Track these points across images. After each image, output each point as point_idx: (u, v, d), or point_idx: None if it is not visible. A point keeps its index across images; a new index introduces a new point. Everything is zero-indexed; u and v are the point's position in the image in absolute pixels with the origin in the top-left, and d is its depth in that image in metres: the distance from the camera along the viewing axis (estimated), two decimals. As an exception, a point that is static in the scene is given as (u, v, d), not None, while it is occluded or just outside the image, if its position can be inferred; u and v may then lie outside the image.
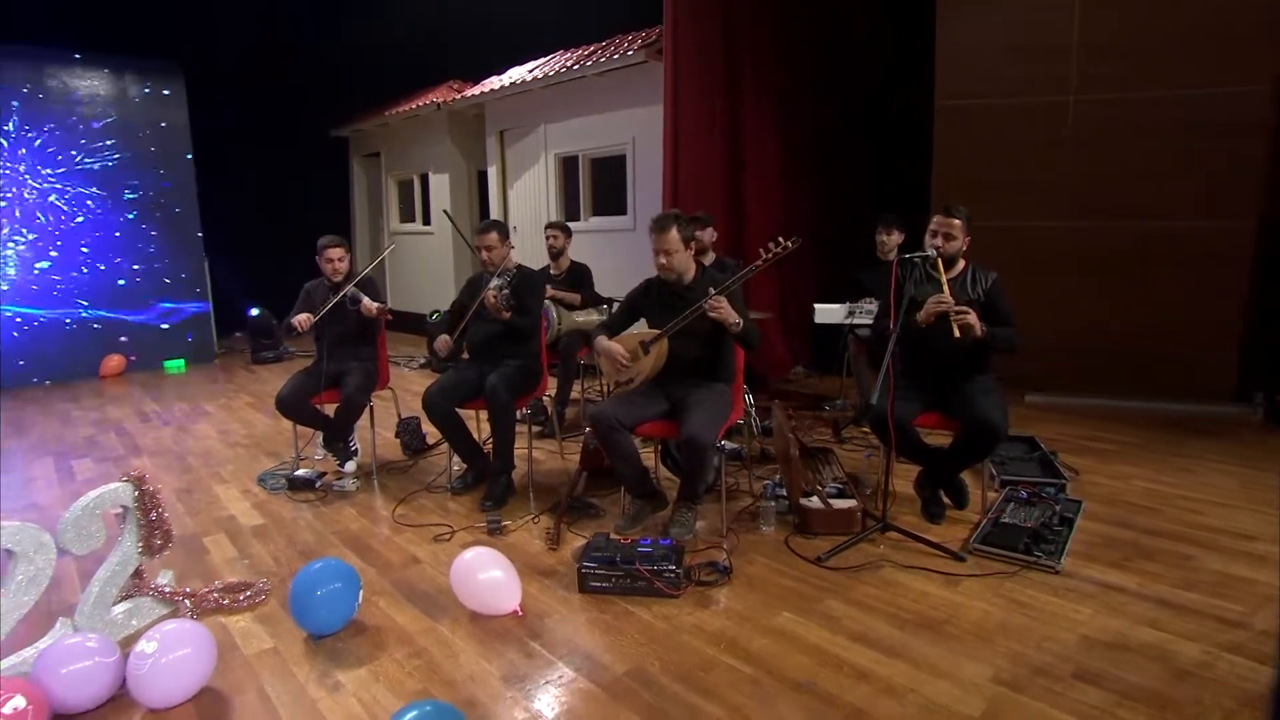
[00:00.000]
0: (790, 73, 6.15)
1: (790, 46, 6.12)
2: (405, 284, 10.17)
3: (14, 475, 4.78)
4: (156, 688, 2.21)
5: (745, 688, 2.26)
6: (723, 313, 3.19)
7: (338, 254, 4.39)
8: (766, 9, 5.90)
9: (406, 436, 4.89)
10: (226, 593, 2.95)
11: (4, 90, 7.25)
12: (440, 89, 9.12)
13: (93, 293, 7.83)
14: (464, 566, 2.71)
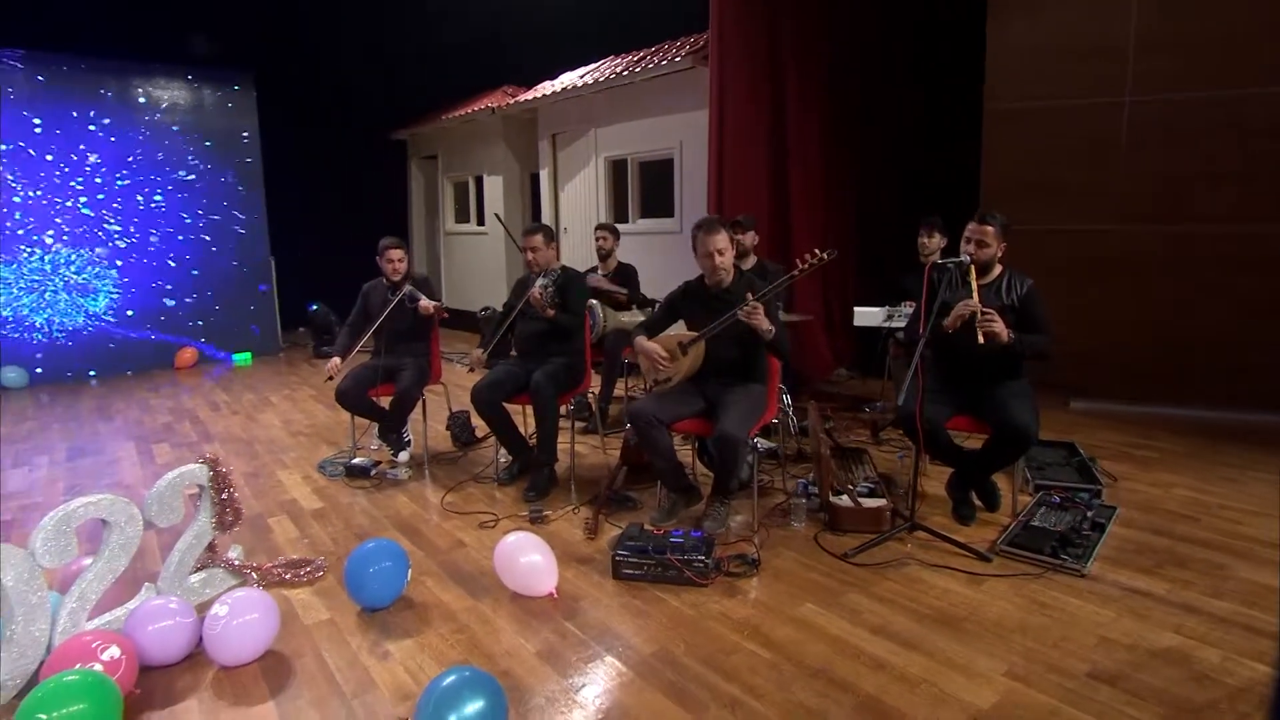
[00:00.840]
0: (834, 77, 6.19)
1: (835, 51, 6.16)
2: (460, 283, 10.48)
3: (102, 456, 5.17)
4: (228, 648, 2.45)
5: (764, 671, 2.38)
6: (757, 320, 3.30)
7: (397, 255, 4.64)
8: (811, 14, 5.96)
9: (457, 429, 5.12)
10: (288, 568, 3.19)
11: (97, 96, 7.75)
12: (495, 93, 9.39)
13: (170, 287, 8.31)
14: (506, 550, 2.90)
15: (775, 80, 5.80)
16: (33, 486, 4.57)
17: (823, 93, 6.10)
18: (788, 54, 5.82)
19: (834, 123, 6.22)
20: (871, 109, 6.54)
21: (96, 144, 7.82)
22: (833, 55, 6.14)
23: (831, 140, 6.22)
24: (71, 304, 7.89)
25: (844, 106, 6.30)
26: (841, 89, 6.25)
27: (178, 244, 8.32)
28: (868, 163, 6.60)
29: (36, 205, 7.58)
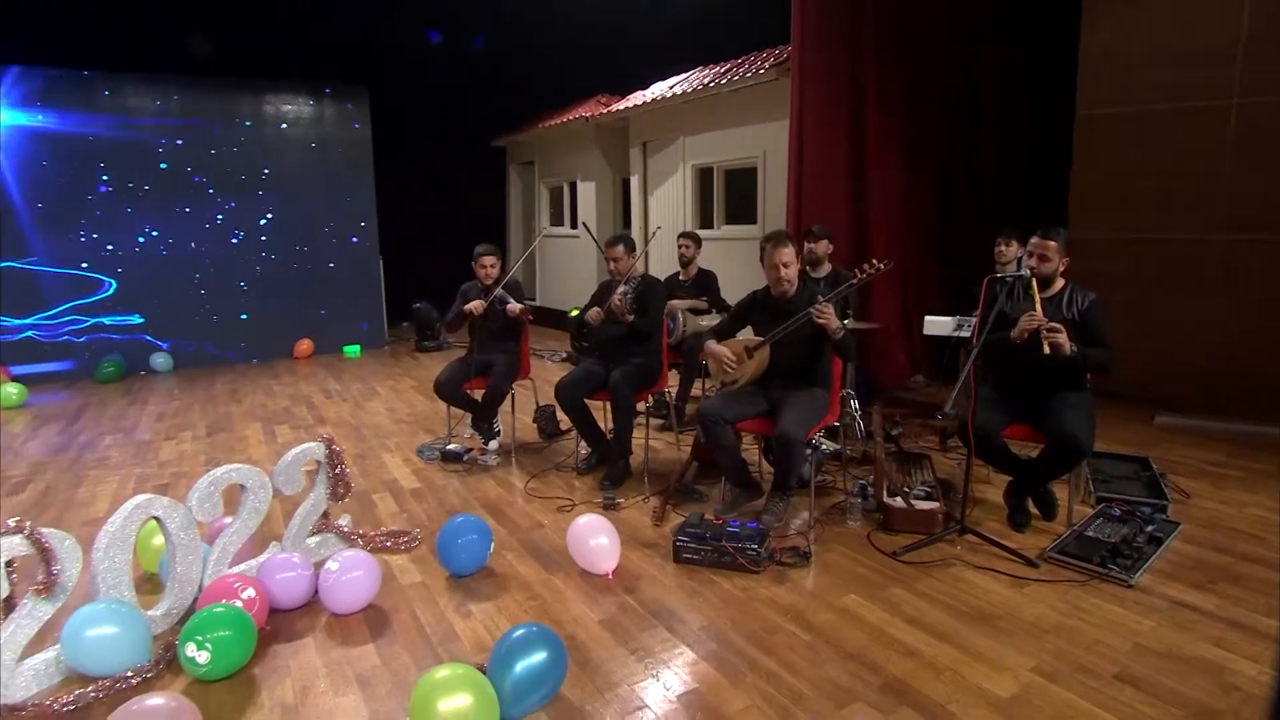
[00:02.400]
0: (916, 85, 6.25)
1: (916, 59, 6.21)
2: (553, 283, 10.97)
3: (233, 434, 5.84)
4: (338, 598, 2.88)
5: (801, 650, 2.62)
6: (827, 319, 3.51)
7: (490, 260, 5.06)
8: (892, 24, 6.04)
9: (543, 422, 5.51)
10: (389, 537, 3.63)
11: (238, 111, 8.62)
12: (589, 103, 9.81)
13: (290, 284, 9.12)
14: (578, 530, 3.24)
15: (855, 90, 5.92)
16: (180, 457, 5.24)
17: (904, 101, 6.18)
18: (868, 64, 5.93)
19: (915, 132, 6.29)
20: (955, 117, 6.56)
21: (235, 152, 8.68)
22: (914, 63, 6.20)
23: (912, 149, 6.29)
24: (209, 298, 8.79)
25: (925, 115, 6.36)
26: (923, 97, 6.30)
27: (297, 244, 9.11)
28: (950, 171, 6.63)
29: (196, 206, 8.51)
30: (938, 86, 6.38)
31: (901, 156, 6.22)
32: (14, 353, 7.95)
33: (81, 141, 7.99)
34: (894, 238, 6.16)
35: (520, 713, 2.27)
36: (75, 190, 8.03)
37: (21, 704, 2.41)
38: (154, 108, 8.30)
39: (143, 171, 8.29)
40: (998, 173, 6.87)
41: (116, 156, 8.15)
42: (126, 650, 2.53)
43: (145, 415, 6.59)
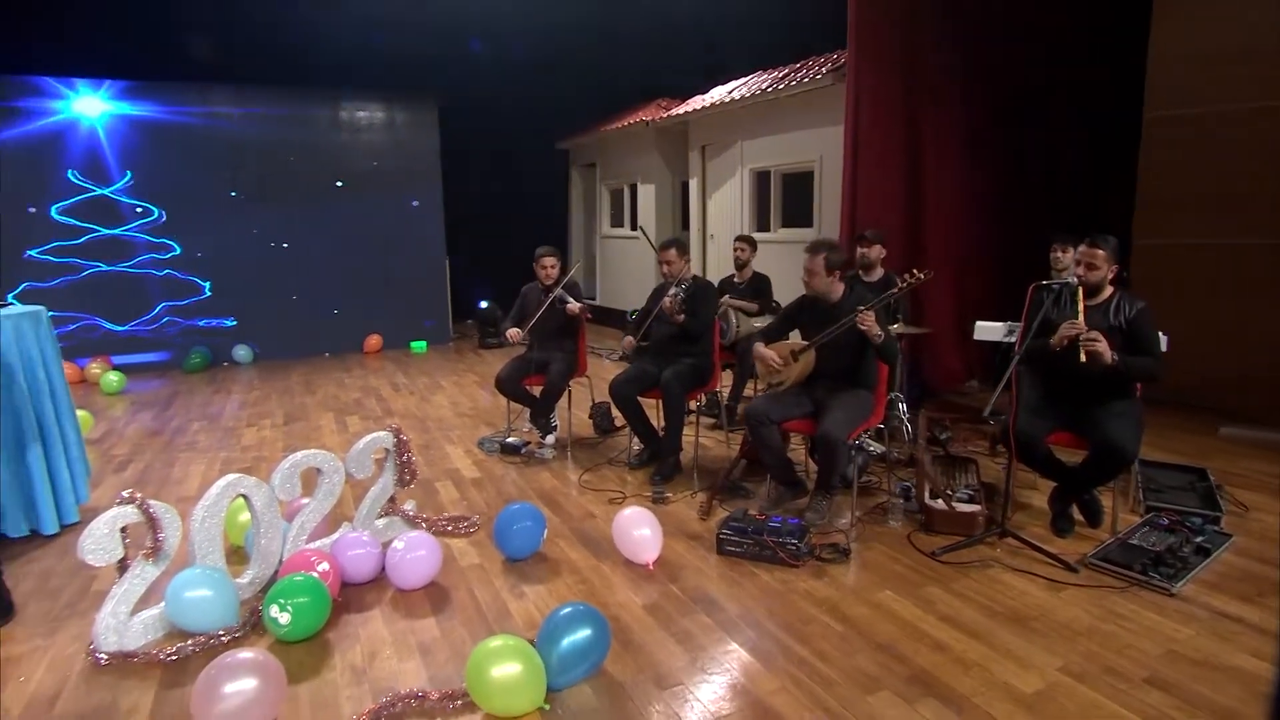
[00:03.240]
0: (974, 88, 6.22)
1: (975, 62, 6.18)
2: (613, 282, 11.19)
3: (308, 422, 6.22)
4: (403, 575, 3.13)
5: (834, 640, 2.75)
6: (869, 325, 3.61)
7: (550, 262, 5.29)
8: (949, 27, 6.02)
9: (598, 418, 5.72)
10: (450, 522, 3.88)
11: (314, 119, 9.11)
12: (650, 107, 9.99)
13: (361, 282, 9.57)
14: (623, 521, 3.42)
15: (910, 95, 5.94)
16: (260, 443, 5.63)
17: (961, 104, 6.17)
18: (925, 68, 5.95)
19: (973, 135, 6.27)
20: (1014, 119, 6.51)
21: (313, 158, 9.16)
22: (972, 66, 6.18)
23: (970, 152, 6.27)
24: (286, 294, 9.30)
25: (984, 118, 6.32)
26: (982, 100, 6.27)
27: (368, 244, 9.55)
28: (1010, 175, 6.58)
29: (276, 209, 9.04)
30: (997, 89, 6.34)
31: (958, 160, 6.22)
32: (112, 344, 8.57)
33: (173, 149, 8.56)
34: (950, 242, 6.17)
35: (565, 684, 2.46)
36: (172, 194, 8.61)
37: (134, 651, 2.72)
38: (237, 116, 8.83)
39: (227, 177, 8.83)
40: (1059, 176, 6.78)
41: (205, 162, 8.70)
42: (218, 611, 2.82)
43: (229, 403, 7.05)
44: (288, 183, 9.09)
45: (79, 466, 4.16)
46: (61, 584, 3.38)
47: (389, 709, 2.38)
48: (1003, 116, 6.41)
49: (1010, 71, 6.37)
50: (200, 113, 8.67)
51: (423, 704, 2.41)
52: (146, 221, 8.62)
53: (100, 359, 8.25)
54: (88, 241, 8.40)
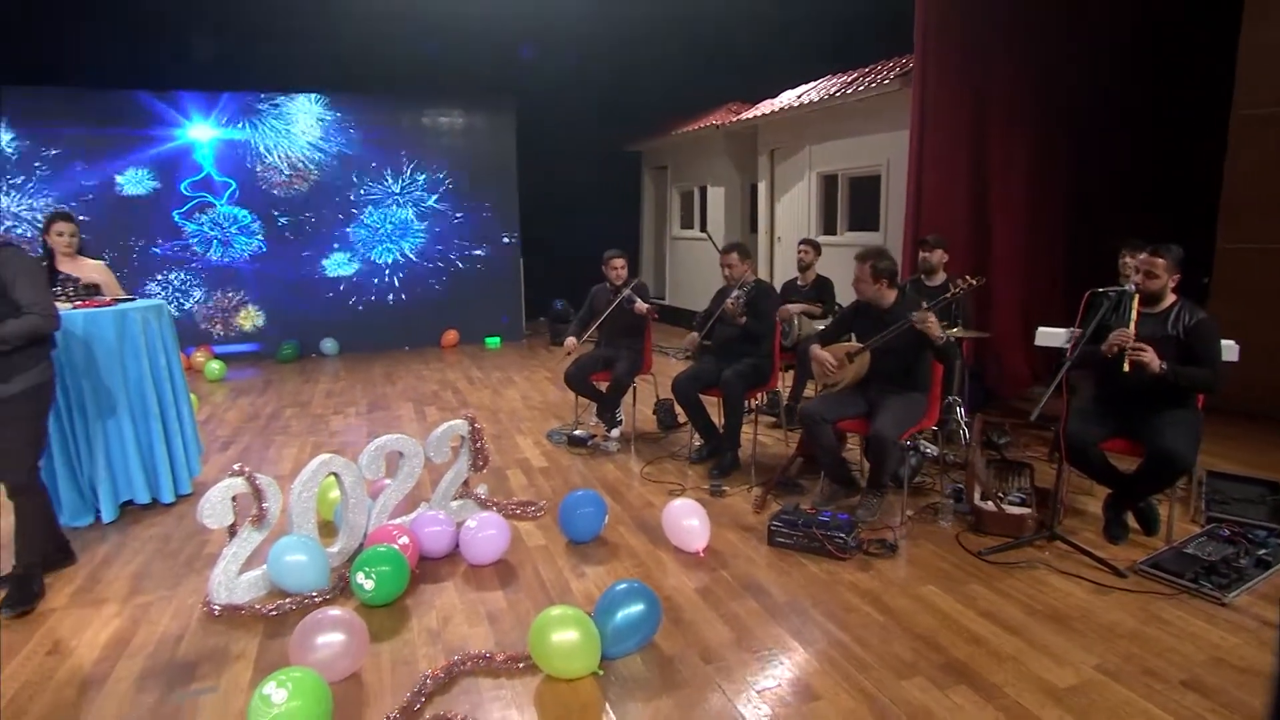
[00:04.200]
0: (1046, 90, 6.14)
1: (1048, 61, 6.10)
2: (683, 283, 11.39)
3: (389, 411, 6.64)
4: (474, 552, 3.42)
5: (873, 628, 2.89)
6: (930, 326, 3.71)
7: (619, 263, 5.53)
8: (1022, 28, 5.97)
9: (661, 414, 5.93)
10: (518, 506, 4.16)
11: (397, 123, 9.62)
12: (721, 111, 10.14)
13: (440, 280, 10.04)
14: (673, 511, 3.63)
15: (979, 98, 5.92)
16: (347, 429, 6.06)
17: (1032, 106, 6.10)
18: (995, 71, 5.91)
19: (1045, 138, 6.20)
20: (1087, 121, 6.41)
21: (396, 161, 9.67)
22: (1045, 67, 6.10)
23: (1041, 156, 6.20)
24: (370, 291, 9.84)
25: (1056, 120, 6.25)
26: (1053, 102, 6.19)
27: (447, 243, 10.02)
28: (1081, 179, 6.48)
29: (363, 210, 9.59)
30: (1069, 90, 6.26)
31: (1029, 164, 6.17)
32: (211, 335, 9.27)
33: (268, 156, 9.18)
34: (1017, 246, 6.13)
35: (618, 653, 2.68)
36: (264, 200, 9.24)
37: (241, 605, 3.09)
38: (323, 122, 9.39)
39: (313, 182, 9.41)
40: (1133, 180, 6.64)
41: (293, 168, 9.29)
42: (312, 575, 3.15)
43: (317, 392, 7.55)
44: (373, 186, 9.61)
45: (192, 444, 4.61)
46: (179, 546, 3.80)
47: (459, 666, 2.65)
48: (1074, 117, 6.33)
49: (1082, 72, 6.29)
50: (287, 121, 9.27)
51: (490, 664, 2.68)
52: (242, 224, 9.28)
53: (203, 348, 8.91)
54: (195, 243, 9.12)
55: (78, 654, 2.84)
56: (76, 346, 3.98)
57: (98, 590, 3.35)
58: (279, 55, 9.11)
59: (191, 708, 2.51)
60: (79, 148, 8.61)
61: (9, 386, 3.10)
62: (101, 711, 2.50)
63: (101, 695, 2.58)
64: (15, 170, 8.45)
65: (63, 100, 8.54)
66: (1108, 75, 6.38)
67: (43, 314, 3.15)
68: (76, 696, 2.58)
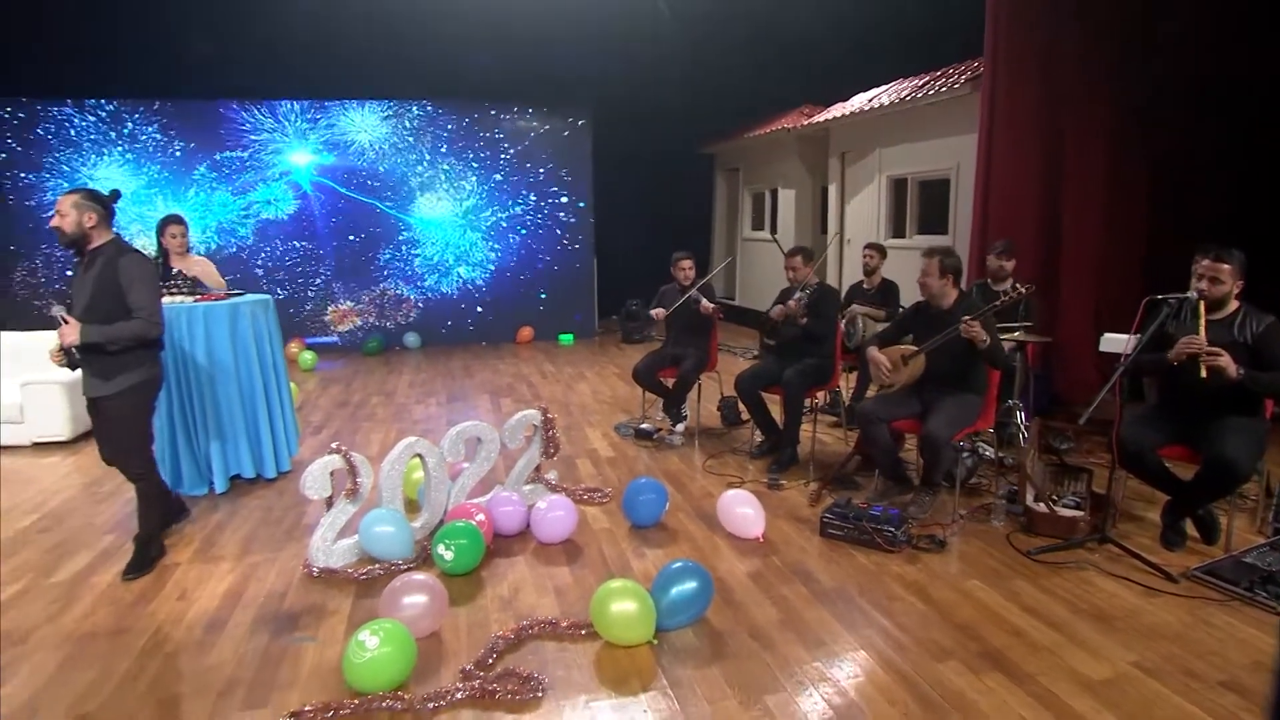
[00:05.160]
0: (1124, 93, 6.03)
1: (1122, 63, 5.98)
2: (753, 283, 11.52)
3: (467, 402, 7.03)
4: (544, 531, 3.71)
5: (914, 616, 3.04)
6: (974, 332, 3.82)
7: (687, 264, 5.76)
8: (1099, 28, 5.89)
9: (726, 410, 6.13)
10: (586, 492, 4.44)
11: (480, 127, 10.07)
12: (793, 114, 10.23)
13: (516, 278, 10.45)
14: (728, 499, 3.85)
15: (1052, 101, 5.88)
16: (428, 417, 6.47)
17: (1107, 108, 6.00)
18: (1069, 73, 5.85)
19: (1118, 141, 6.09)
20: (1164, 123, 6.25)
21: (476, 164, 10.13)
22: (1118, 68, 5.97)
23: (1118, 160, 6.10)
24: (451, 288, 10.33)
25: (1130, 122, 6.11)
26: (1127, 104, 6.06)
27: (525, 243, 10.42)
28: (1158, 182, 6.34)
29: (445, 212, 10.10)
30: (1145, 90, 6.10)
31: (1101, 167, 6.08)
32: (303, 328, 9.91)
33: (355, 162, 9.76)
34: (1088, 252, 6.07)
35: (672, 625, 2.91)
36: (349, 204, 9.83)
37: (336, 569, 3.46)
38: (405, 127, 9.92)
39: (396, 185, 9.95)
40: (1214, 183, 6.44)
41: (377, 173, 9.85)
42: (398, 545, 3.50)
43: (400, 383, 8.03)
44: (454, 190, 10.10)
45: (291, 426, 5.06)
46: (281, 515, 4.22)
47: (527, 630, 2.93)
48: (1150, 119, 6.19)
49: (1159, 71, 6.14)
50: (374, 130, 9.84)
51: (555, 629, 2.95)
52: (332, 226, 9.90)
53: (296, 339, 9.55)
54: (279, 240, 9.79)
55: (201, 601, 3.25)
56: (197, 336, 4.45)
57: (214, 550, 3.79)
58: (367, 63, 9.68)
59: (295, 652, 2.86)
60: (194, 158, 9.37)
61: (109, 385, 3.39)
62: (222, 649, 2.88)
63: (221, 636, 2.97)
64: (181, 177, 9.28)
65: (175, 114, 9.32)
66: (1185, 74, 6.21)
67: (149, 319, 3.39)
68: (202, 634, 2.98)
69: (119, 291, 3.35)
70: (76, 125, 9.16)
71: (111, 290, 3.34)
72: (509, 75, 10.13)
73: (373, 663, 2.50)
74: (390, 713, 2.49)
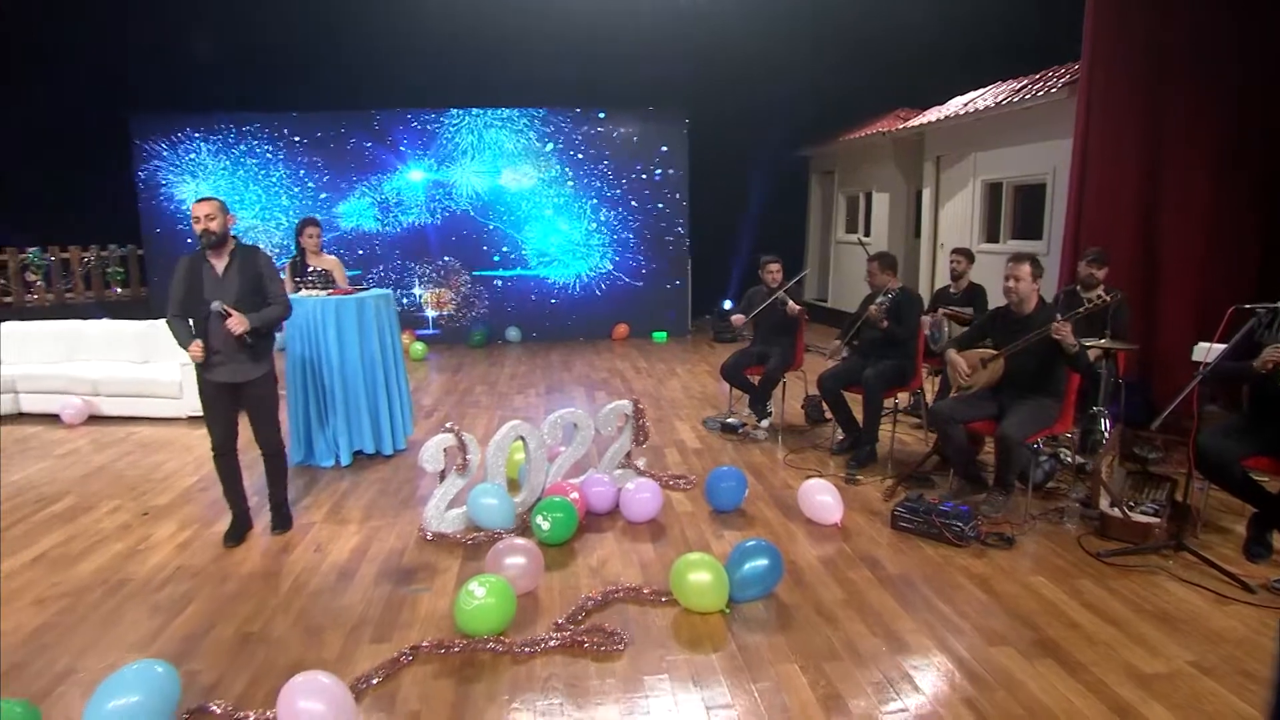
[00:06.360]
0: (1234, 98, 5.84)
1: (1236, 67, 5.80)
2: (845, 285, 11.55)
3: (564, 394, 7.49)
4: (632, 510, 4.07)
5: (974, 604, 3.21)
6: (1063, 334, 3.91)
7: (775, 267, 5.99)
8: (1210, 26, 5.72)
9: (810, 408, 6.32)
10: (672, 478, 4.76)
11: (582, 133, 10.56)
12: (889, 118, 10.23)
13: (613, 277, 10.88)
14: (809, 488, 4.09)
15: (1155, 105, 5.75)
16: (528, 406, 6.95)
17: (1216, 114, 5.83)
18: (1176, 75, 5.71)
19: (1230, 148, 5.90)
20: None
21: (576, 168, 10.62)
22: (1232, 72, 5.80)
23: (1230, 167, 5.92)
24: (553, 286, 10.87)
25: (1247, 129, 5.92)
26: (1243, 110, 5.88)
27: (623, 243, 10.84)
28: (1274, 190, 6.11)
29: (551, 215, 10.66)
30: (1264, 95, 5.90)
31: (1213, 176, 5.91)
32: (412, 321, 10.64)
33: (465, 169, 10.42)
34: (1192, 259, 5.91)
35: (743, 598, 3.20)
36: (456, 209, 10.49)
37: (447, 534, 3.93)
38: (510, 134, 10.48)
39: (499, 189, 10.53)
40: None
41: (486, 177, 10.47)
42: (501, 515, 3.92)
43: (502, 374, 8.57)
44: (553, 192, 10.62)
45: (407, 409, 5.61)
46: (397, 487, 4.75)
47: (613, 594, 3.28)
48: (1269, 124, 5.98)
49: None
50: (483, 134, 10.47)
51: (638, 595, 3.29)
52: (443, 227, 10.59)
53: (407, 331, 10.28)
54: (409, 236, 10.56)
55: (333, 555, 3.77)
56: (329, 326, 5.03)
57: (342, 514, 4.32)
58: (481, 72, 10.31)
59: (412, 600, 3.32)
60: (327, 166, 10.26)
61: (259, 367, 3.89)
62: (352, 593, 3.37)
63: (351, 583, 3.46)
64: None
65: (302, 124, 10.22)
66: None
67: (285, 304, 3.93)
68: (335, 581, 3.49)
69: (261, 283, 3.86)
70: (222, 137, 10.19)
71: (255, 283, 3.84)
72: (610, 81, 10.55)
73: (479, 609, 2.90)
74: (492, 654, 2.88)
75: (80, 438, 6.08)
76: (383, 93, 10.34)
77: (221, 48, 9.60)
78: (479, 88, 10.39)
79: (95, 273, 9.98)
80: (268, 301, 3.87)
